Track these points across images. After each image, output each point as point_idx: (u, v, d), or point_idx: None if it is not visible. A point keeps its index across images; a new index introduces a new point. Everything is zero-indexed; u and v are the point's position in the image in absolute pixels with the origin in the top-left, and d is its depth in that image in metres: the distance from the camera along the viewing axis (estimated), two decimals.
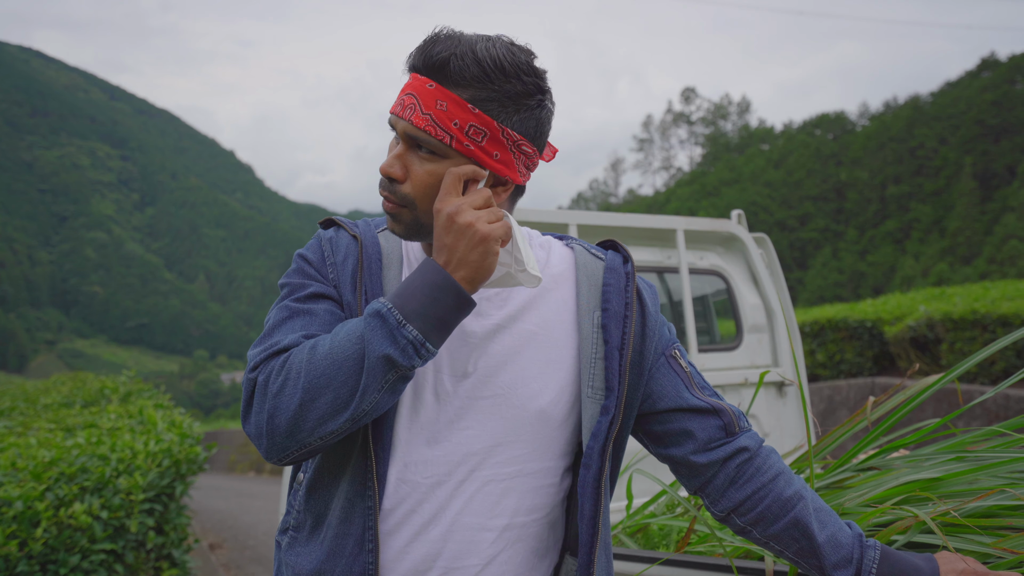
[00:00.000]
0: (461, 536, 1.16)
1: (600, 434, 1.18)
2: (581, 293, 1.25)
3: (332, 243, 1.24)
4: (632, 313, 1.23)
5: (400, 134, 1.15)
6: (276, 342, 1.12)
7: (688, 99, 73.37)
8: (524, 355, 1.20)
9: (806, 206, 47.83)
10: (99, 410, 6.54)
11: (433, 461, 1.17)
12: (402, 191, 1.14)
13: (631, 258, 1.29)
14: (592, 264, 1.28)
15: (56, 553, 3.45)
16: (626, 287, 1.25)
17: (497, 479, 1.18)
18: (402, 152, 1.14)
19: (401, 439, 1.17)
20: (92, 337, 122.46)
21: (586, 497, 1.18)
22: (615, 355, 1.21)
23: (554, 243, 1.32)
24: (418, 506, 1.16)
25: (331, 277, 1.21)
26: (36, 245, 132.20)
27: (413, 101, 1.13)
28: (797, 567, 1.26)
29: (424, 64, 1.13)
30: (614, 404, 1.19)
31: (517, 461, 1.19)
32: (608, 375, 1.20)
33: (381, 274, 1.21)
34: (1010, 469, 1.55)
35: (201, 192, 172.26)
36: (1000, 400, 7.01)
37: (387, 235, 1.26)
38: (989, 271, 30.66)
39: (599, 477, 1.18)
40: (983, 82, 44.59)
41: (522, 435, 1.19)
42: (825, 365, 9.86)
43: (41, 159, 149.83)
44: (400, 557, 1.16)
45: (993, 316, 8.22)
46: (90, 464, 3.84)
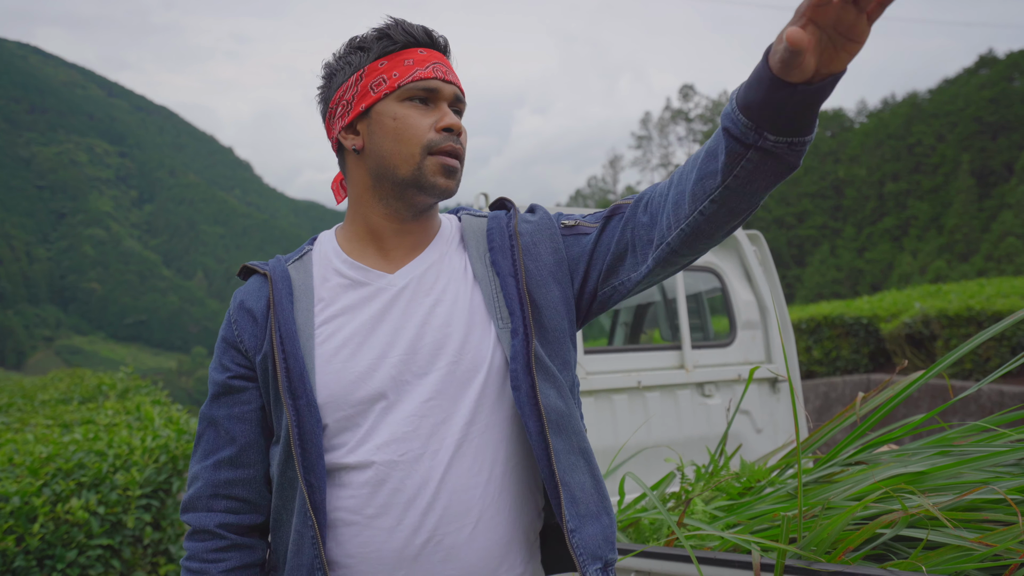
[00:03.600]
0: (448, 499, 1.22)
1: (519, 355, 1.24)
2: (470, 247, 1.34)
3: (236, 307, 1.35)
4: (517, 241, 1.31)
5: (448, 96, 1.29)
6: (195, 479, 1.32)
7: (687, 96, 73.34)
8: (453, 321, 1.28)
9: (804, 203, 47.83)
10: (96, 406, 6.55)
11: (406, 438, 1.23)
12: (464, 143, 1.29)
13: (513, 205, 1.39)
14: (476, 223, 1.38)
15: (53, 548, 3.46)
16: (507, 224, 1.35)
17: (468, 438, 1.24)
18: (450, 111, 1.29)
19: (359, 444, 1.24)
20: (90, 334, 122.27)
21: (527, 416, 1.22)
22: (510, 281, 1.29)
23: (451, 220, 1.43)
24: (402, 483, 1.22)
25: (244, 351, 1.31)
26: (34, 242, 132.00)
27: (444, 68, 1.29)
28: (729, 179, 1.08)
29: (432, 41, 1.30)
30: (520, 324, 1.25)
31: (479, 419, 1.25)
32: (508, 302, 1.27)
33: (292, 307, 1.29)
34: (992, 463, 1.57)
35: (199, 189, 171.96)
36: (994, 396, 7.04)
37: (297, 267, 1.35)
38: (986, 268, 30.69)
39: (532, 394, 1.22)
40: (981, 79, 44.58)
41: (481, 394, 1.26)
42: (821, 362, 9.88)
43: (39, 156, 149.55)
44: (392, 534, 1.21)
45: (988, 313, 8.24)
46: (87, 460, 3.85)
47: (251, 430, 1.31)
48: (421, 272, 1.31)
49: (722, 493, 2.07)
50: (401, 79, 1.26)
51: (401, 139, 1.26)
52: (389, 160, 1.27)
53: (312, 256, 1.37)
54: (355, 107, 1.29)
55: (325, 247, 1.37)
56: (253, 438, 1.31)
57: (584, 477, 1.27)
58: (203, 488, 1.30)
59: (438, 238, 1.36)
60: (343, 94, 1.31)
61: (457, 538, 1.21)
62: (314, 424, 1.23)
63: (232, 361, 1.31)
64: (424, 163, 1.25)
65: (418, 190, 1.27)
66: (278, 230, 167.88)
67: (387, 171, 1.28)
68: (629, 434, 3.38)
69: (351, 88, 1.30)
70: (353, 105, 1.29)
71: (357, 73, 1.29)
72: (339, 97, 1.32)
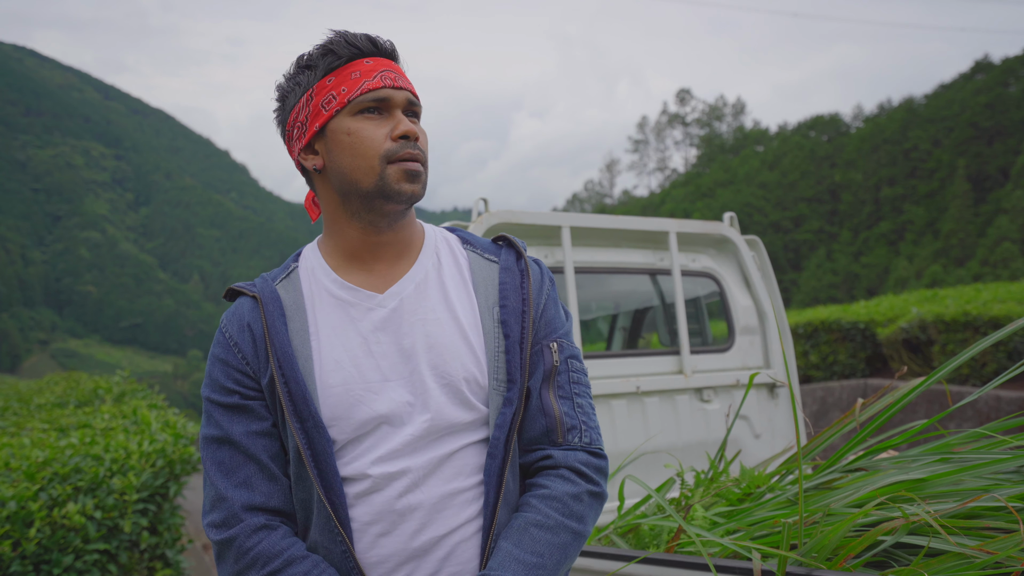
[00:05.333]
0: (442, 506, 1.25)
1: (504, 425, 1.27)
2: (479, 292, 1.34)
3: (235, 329, 1.32)
4: (530, 309, 1.32)
5: (401, 102, 1.29)
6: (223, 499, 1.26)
7: (683, 100, 73.46)
8: (447, 343, 1.30)
9: (800, 208, 47.93)
10: (93, 410, 6.54)
11: (402, 455, 1.26)
12: (422, 148, 1.29)
13: (524, 253, 1.39)
14: (487, 268, 1.38)
15: (49, 553, 3.45)
16: (522, 284, 1.35)
17: (457, 450, 1.28)
18: (405, 118, 1.29)
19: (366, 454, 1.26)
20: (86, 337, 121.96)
21: (490, 485, 1.26)
22: (516, 349, 1.30)
23: (442, 234, 1.43)
24: (397, 494, 1.25)
25: (251, 373, 1.30)
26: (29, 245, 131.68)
27: (393, 75, 1.29)
28: None
29: (378, 49, 1.30)
30: (516, 396, 1.28)
31: (469, 434, 1.29)
32: (510, 368, 1.29)
33: (286, 329, 1.29)
34: (993, 470, 1.57)
35: (195, 192, 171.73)
36: (992, 402, 7.05)
37: (286, 286, 1.34)
38: (982, 273, 30.76)
39: (503, 466, 1.26)
40: (976, 84, 44.76)
41: (470, 412, 1.29)
42: (818, 366, 9.89)
43: (35, 158, 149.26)
44: (387, 540, 1.25)
45: (985, 318, 8.26)
46: (84, 464, 3.84)
47: (272, 444, 1.29)
48: (411, 290, 1.32)
49: (722, 499, 2.07)
50: (350, 93, 1.26)
51: (358, 153, 1.26)
52: (350, 175, 1.27)
53: (299, 273, 1.36)
54: (310, 128, 1.29)
55: (311, 263, 1.36)
56: (276, 452, 1.30)
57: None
58: (236, 504, 1.25)
59: (424, 252, 1.36)
60: (296, 116, 1.31)
61: (454, 538, 1.25)
62: (325, 444, 1.24)
63: (237, 384, 1.30)
64: (385, 173, 1.25)
65: (385, 200, 1.27)
66: (274, 233, 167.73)
67: (351, 186, 1.28)
68: (628, 439, 3.38)
69: (303, 109, 1.30)
70: (308, 126, 1.29)
71: (307, 93, 1.29)
72: (293, 119, 1.32)
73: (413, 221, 1.37)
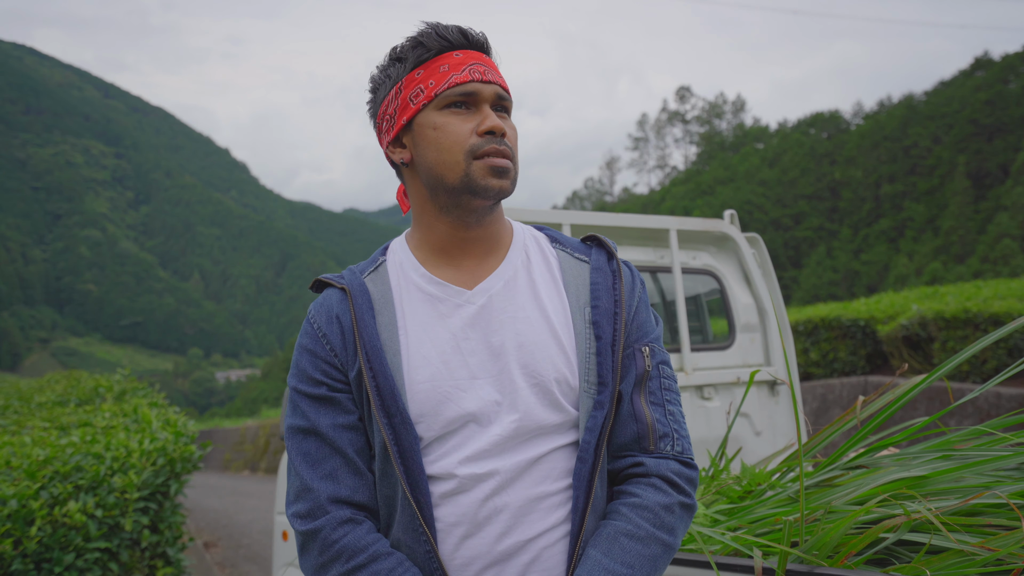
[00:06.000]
0: (530, 507, 1.23)
1: (595, 428, 1.24)
2: (570, 292, 1.31)
3: (323, 320, 1.30)
4: (622, 310, 1.29)
5: (489, 96, 1.27)
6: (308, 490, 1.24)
7: (683, 98, 73.41)
8: (538, 341, 1.27)
9: (800, 205, 47.92)
10: (93, 408, 6.54)
11: (489, 455, 1.24)
12: (509, 144, 1.27)
13: (615, 253, 1.35)
14: (577, 267, 1.34)
15: (50, 552, 3.45)
16: (614, 284, 1.31)
17: (545, 454, 1.25)
18: (492, 113, 1.27)
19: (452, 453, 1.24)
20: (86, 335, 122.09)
21: (580, 490, 1.23)
22: (608, 351, 1.26)
23: (530, 232, 1.40)
24: (484, 495, 1.23)
25: (339, 365, 1.28)
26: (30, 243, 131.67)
27: (485, 68, 1.27)
28: None
29: (469, 41, 1.28)
30: (608, 399, 1.24)
31: (557, 437, 1.26)
32: (602, 370, 1.26)
33: (375, 323, 1.27)
34: (994, 467, 1.57)
35: (195, 190, 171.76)
36: (992, 399, 7.05)
37: (374, 279, 1.32)
38: (982, 270, 30.75)
39: (593, 471, 1.23)
40: (977, 81, 44.71)
41: (560, 413, 1.26)
42: (819, 364, 9.89)
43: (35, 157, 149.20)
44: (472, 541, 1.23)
45: (985, 315, 8.26)
46: (84, 463, 3.84)
47: (358, 438, 1.28)
48: (500, 287, 1.30)
49: (723, 497, 2.07)
50: (437, 87, 1.24)
51: (443, 148, 1.24)
52: (436, 170, 1.26)
53: (387, 267, 1.35)
54: (398, 121, 1.29)
55: (399, 256, 1.35)
56: (361, 446, 1.28)
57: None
58: (321, 496, 1.24)
59: (512, 249, 1.34)
60: (386, 108, 1.30)
61: (539, 544, 1.22)
62: (412, 441, 1.22)
63: (325, 375, 1.28)
64: (471, 169, 1.24)
65: (472, 195, 1.25)
66: (275, 231, 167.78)
67: (438, 181, 1.26)
68: None
69: (392, 102, 1.29)
70: (396, 119, 1.29)
71: (396, 86, 1.28)
72: (383, 112, 1.31)
73: (502, 217, 1.35)
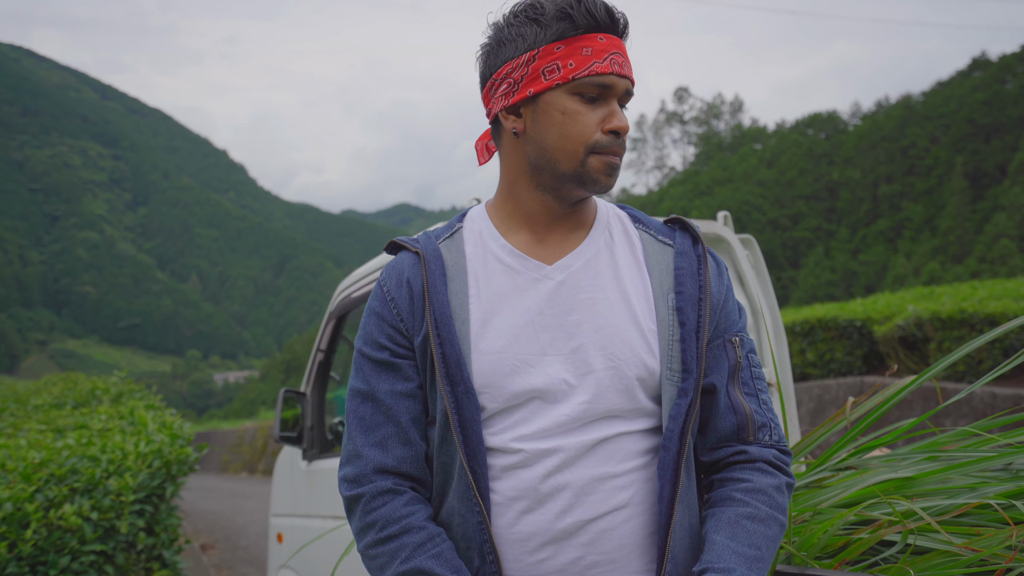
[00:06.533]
0: (593, 487, 1.21)
1: (679, 416, 1.22)
2: (654, 276, 1.28)
3: (393, 284, 1.29)
4: (707, 296, 1.26)
5: (620, 91, 1.23)
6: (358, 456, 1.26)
7: (681, 98, 73.48)
8: (616, 323, 1.24)
9: (798, 205, 47.96)
10: (90, 411, 6.54)
11: (556, 434, 1.22)
12: (625, 142, 1.24)
13: (701, 237, 1.32)
14: (661, 251, 1.31)
15: (46, 555, 3.46)
16: (699, 270, 1.28)
17: (614, 436, 1.23)
18: (620, 110, 1.24)
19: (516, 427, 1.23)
20: (84, 337, 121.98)
21: (665, 480, 1.21)
22: (692, 338, 1.24)
23: (614, 211, 1.37)
24: (547, 472, 1.20)
25: (404, 330, 1.27)
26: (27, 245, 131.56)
27: (621, 59, 1.22)
28: None
29: (612, 23, 1.21)
30: (692, 386, 1.22)
31: (630, 423, 1.24)
32: (686, 357, 1.23)
33: (446, 290, 1.25)
34: (981, 467, 1.58)
35: (193, 192, 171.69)
36: (987, 398, 7.07)
37: (448, 246, 1.30)
38: (980, 270, 30.79)
39: (679, 459, 1.21)
40: (974, 82, 44.77)
41: (635, 400, 1.24)
42: (815, 364, 9.91)
43: (32, 158, 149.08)
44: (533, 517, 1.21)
45: (980, 315, 8.27)
46: (80, 465, 3.84)
47: (415, 406, 1.27)
48: (580, 265, 1.27)
49: None
50: (576, 71, 1.19)
51: (567, 136, 1.21)
52: (551, 154, 1.22)
53: (463, 234, 1.32)
54: (522, 90, 1.22)
55: (479, 225, 1.32)
56: (417, 414, 1.28)
57: (688, 555, 1.25)
58: (369, 464, 1.25)
59: (596, 227, 1.31)
60: (511, 71, 1.23)
61: (599, 525, 1.20)
62: (474, 411, 1.21)
63: (390, 340, 1.28)
64: (587, 161, 1.21)
65: (578, 185, 1.23)
66: (273, 233, 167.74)
67: (548, 163, 1.23)
68: None
69: (521, 68, 1.22)
70: (520, 87, 1.22)
71: (530, 53, 1.21)
72: (506, 72, 1.24)
73: (591, 198, 1.33)
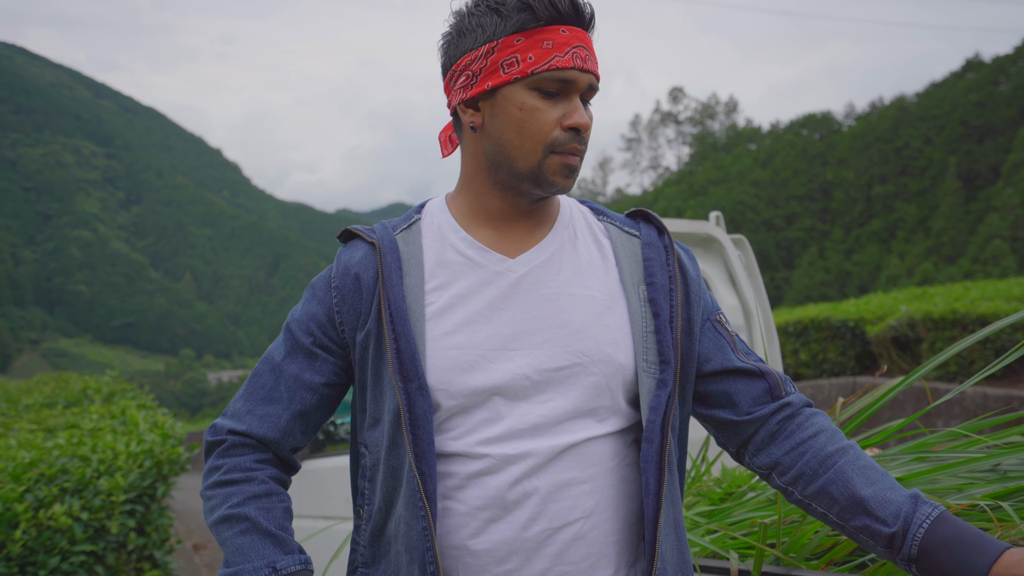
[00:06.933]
0: (560, 495, 1.17)
1: (659, 408, 1.19)
2: (623, 268, 1.25)
3: (340, 274, 1.26)
4: (677, 286, 1.24)
5: (583, 86, 1.18)
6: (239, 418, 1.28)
7: (676, 99, 73.57)
8: (582, 319, 1.21)
9: (792, 205, 48.08)
10: (81, 410, 6.52)
11: (520, 436, 1.18)
12: (586, 140, 1.19)
13: (666, 229, 1.29)
14: (628, 241, 1.29)
15: (35, 555, 3.44)
16: (667, 260, 1.26)
17: (584, 440, 1.19)
18: (582, 106, 1.19)
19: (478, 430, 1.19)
20: (77, 336, 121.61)
21: (649, 472, 1.17)
22: (666, 328, 1.22)
23: (575, 206, 1.33)
24: (512, 479, 1.17)
25: (338, 323, 1.25)
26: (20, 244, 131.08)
27: (585, 53, 1.17)
28: (851, 539, 1.23)
29: (576, 15, 1.17)
30: (671, 377, 1.20)
31: (600, 425, 1.21)
32: (662, 348, 1.21)
33: (402, 283, 1.21)
34: (968, 468, 1.59)
35: (187, 191, 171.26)
36: (978, 398, 7.09)
37: (405, 237, 1.26)
38: (973, 271, 30.92)
39: (661, 452, 1.18)
40: (967, 83, 44.96)
41: (603, 399, 1.20)
42: (808, 364, 9.94)
43: (25, 157, 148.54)
44: (497, 527, 1.17)
45: (972, 316, 8.31)
46: (71, 465, 3.83)
47: (311, 399, 1.27)
48: (543, 260, 1.23)
49: (704, 499, 2.08)
50: (536, 65, 1.14)
51: (524, 132, 1.16)
52: (508, 151, 1.18)
53: (421, 226, 1.28)
54: (480, 83, 1.18)
55: (438, 218, 1.27)
56: (309, 408, 1.28)
57: (674, 552, 1.23)
58: (240, 424, 1.27)
59: (559, 223, 1.27)
60: (469, 62, 1.19)
61: (566, 534, 1.17)
62: (426, 409, 1.16)
63: (319, 329, 1.26)
64: (545, 161, 1.17)
65: (534, 185, 1.19)
66: (267, 232, 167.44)
67: (504, 160, 1.19)
68: None
69: (479, 60, 1.17)
70: (479, 80, 1.18)
71: (489, 44, 1.16)
72: (465, 64, 1.19)
73: (555, 197, 1.29)
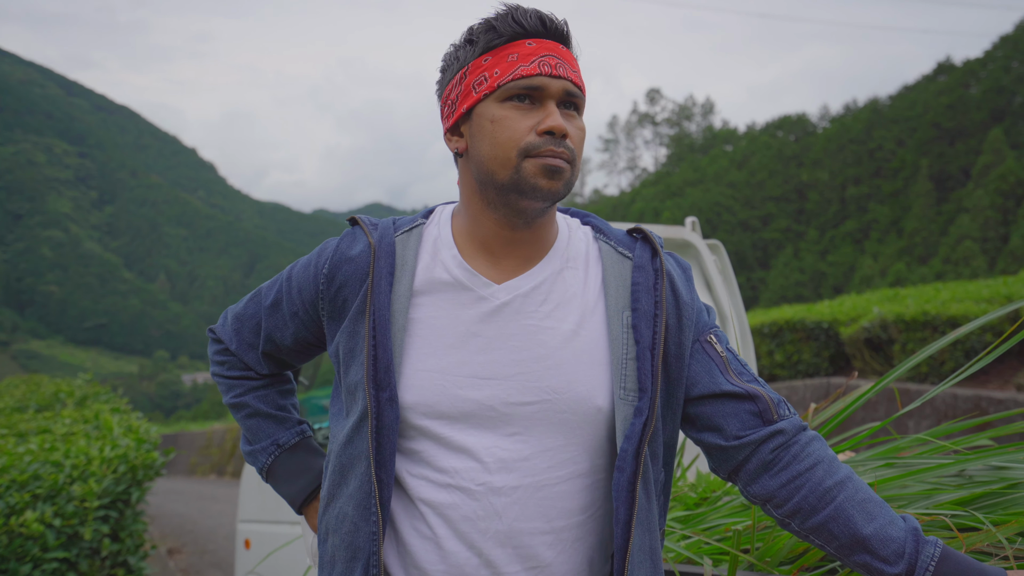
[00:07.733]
0: (519, 541, 1.17)
1: (634, 436, 1.17)
2: (609, 294, 1.24)
3: (335, 259, 1.28)
4: (663, 312, 1.21)
5: (556, 92, 1.17)
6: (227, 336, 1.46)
7: (653, 100, 73.89)
8: (559, 352, 1.20)
9: (768, 206, 48.46)
10: (53, 415, 6.44)
11: (484, 470, 1.17)
12: (570, 146, 1.18)
13: (660, 250, 1.27)
14: (620, 264, 1.27)
15: (6, 562, 3.40)
16: (655, 284, 1.24)
17: (550, 483, 1.18)
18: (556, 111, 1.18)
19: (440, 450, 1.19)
20: (48, 338, 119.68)
21: (620, 501, 1.16)
22: (647, 355, 1.20)
23: (577, 231, 1.32)
24: (472, 514, 1.17)
25: (317, 301, 1.31)
26: None
27: (558, 61, 1.18)
28: (851, 569, 1.21)
29: (546, 29, 1.19)
30: (647, 405, 1.18)
31: (568, 464, 1.19)
32: (640, 376, 1.19)
33: (390, 291, 1.21)
34: (936, 474, 1.62)
35: (162, 190, 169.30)
36: (948, 399, 7.20)
37: (405, 240, 1.26)
38: (944, 271, 31.32)
39: (633, 480, 1.16)
40: (939, 86, 45.58)
41: (572, 437, 1.19)
42: (783, 365, 10.03)
43: None
44: (449, 558, 1.17)
45: (943, 317, 8.43)
46: (43, 471, 3.78)
47: (287, 351, 1.42)
48: (528, 289, 1.22)
49: (679, 504, 2.10)
50: (501, 78, 1.16)
51: (497, 144, 1.17)
52: (487, 165, 1.18)
53: (424, 233, 1.28)
54: (458, 108, 1.22)
55: (440, 231, 1.28)
56: (284, 355, 1.43)
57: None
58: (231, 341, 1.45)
59: (553, 251, 1.26)
60: (449, 92, 1.24)
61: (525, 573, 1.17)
62: (393, 420, 1.17)
63: (302, 305, 1.33)
64: (521, 166, 1.16)
65: (520, 195, 1.17)
66: (243, 232, 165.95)
67: (487, 176, 1.19)
68: None
69: (456, 87, 1.22)
70: (456, 106, 1.22)
71: (462, 71, 1.21)
72: (446, 95, 1.24)
73: (552, 221, 1.27)
